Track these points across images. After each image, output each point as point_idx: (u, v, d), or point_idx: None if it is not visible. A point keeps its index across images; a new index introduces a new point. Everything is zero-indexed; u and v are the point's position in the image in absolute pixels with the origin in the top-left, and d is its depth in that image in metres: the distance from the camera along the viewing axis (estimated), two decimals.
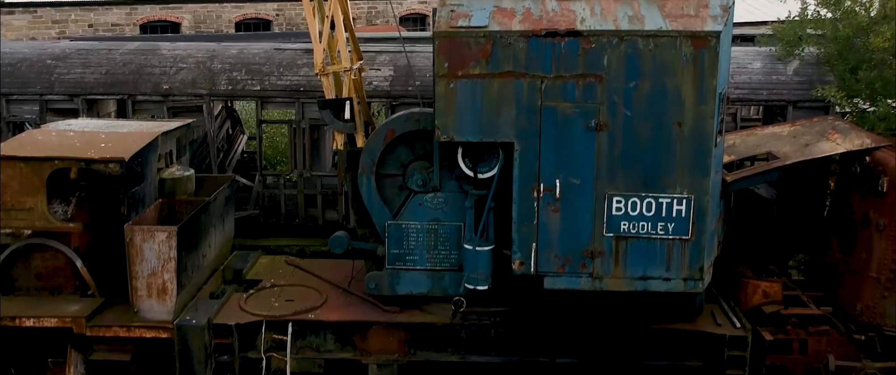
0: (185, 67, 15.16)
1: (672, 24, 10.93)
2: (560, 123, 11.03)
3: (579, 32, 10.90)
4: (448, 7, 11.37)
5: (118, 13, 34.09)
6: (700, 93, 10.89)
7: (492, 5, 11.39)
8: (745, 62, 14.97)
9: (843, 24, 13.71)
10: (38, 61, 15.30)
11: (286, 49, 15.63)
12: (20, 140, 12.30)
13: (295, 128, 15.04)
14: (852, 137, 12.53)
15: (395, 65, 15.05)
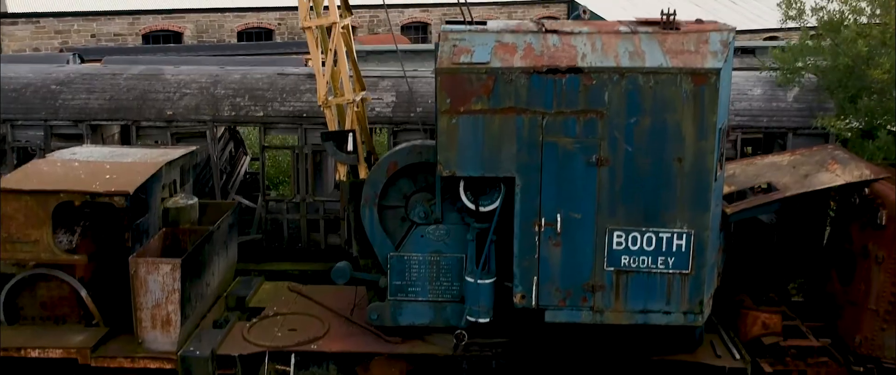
0: (189, 92, 15.25)
1: (672, 61, 11.02)
2: (561, 158, 11.14)
3: (580, 69, 11.00)
4: (450, 41, 11.46)
5: (121, 23, 34.21)
6: (700, 129, 10.99)
7: (494, 40, 11.48)
8: (746, 89, 15.05)
9: (842, 52, 13.78)
10: (42, 87, 15.39)
11: (289, 74, 15.71)
12: (25, 172, 12.39)
13: (297, 153, 15.13)
14: (851, 167, 12.61)
15: (398, 91, 15.15)
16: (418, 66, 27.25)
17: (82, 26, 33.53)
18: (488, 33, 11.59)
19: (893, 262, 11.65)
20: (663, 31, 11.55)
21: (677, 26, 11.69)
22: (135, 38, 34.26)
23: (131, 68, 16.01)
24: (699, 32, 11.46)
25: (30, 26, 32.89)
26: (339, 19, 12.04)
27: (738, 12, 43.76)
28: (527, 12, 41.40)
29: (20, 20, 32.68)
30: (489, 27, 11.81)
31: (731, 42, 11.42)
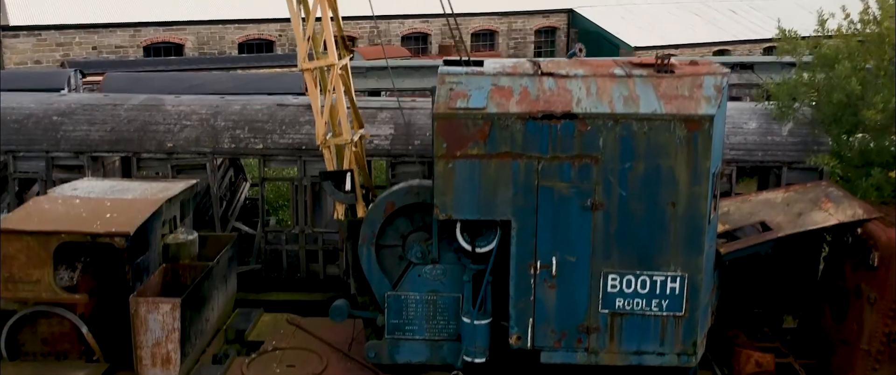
0: (189, 124, 15.39)
1: (666, 107, 11.15)
2: (556, 202, 11.28)
3: (575, 115, 11.13)
4: (447, 85, 11.58)
5: (122, 35, 34.34)
6: (694, 174, 11.12)
7: (490, 83, 11.61)
8: (741, 122, 15.17)
9: (836, 88, 13.90)
10: (44, 118, 15.53)
11: (288, 105, 15.84)
12: (27, 210, 12.52)
13: (296, 185, 15.27)
14: (845, 206, 12.73)
15: (396, 123, 15.28)
16: (417, 82, 27.49)
17: (84, 39, 33.66)
18: (485, 76, 11.72)
19: (886, 303, 11.77)
20: (658, 74, 11.67)
21: (672, 69, 11.80)
22: (136, 50, 34.38)
23: (132, 99, 16.13)
24: (693, 76, 11.57)
25: (31, 39, 33.02)
26: (337, 61, 12.15)
27: (738, 22, 43.88)
28: (527, 21, 41.52)
29: (22, 33, 32.82)
30: (486, 69, 11.94)
31: (725, 86, 11.54)
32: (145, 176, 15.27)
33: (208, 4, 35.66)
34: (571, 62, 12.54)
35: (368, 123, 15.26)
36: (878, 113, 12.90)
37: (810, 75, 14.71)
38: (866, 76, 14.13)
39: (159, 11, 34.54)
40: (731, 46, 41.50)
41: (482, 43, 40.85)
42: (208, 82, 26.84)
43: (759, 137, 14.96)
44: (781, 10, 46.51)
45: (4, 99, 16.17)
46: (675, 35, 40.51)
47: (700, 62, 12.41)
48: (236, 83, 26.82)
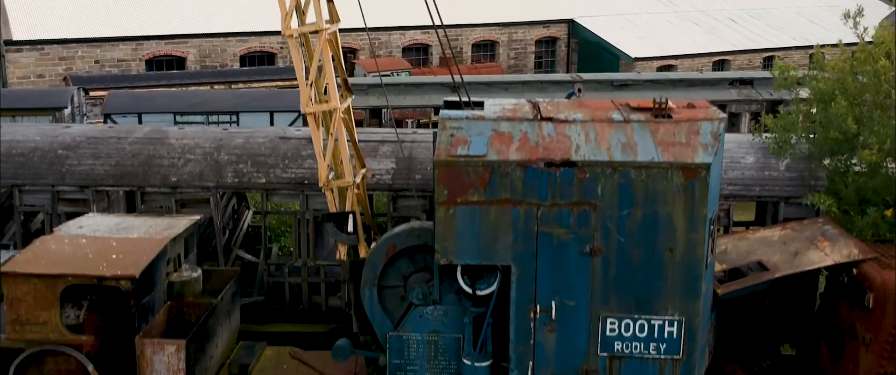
0: (193, 158, 15.56)
1: (664, 154, 11.31)
2: (556, 247, 11.45)
3: (574, 163, 11.29)
4: (448, 130, 11.75)
5: (124, 49, 34.50)
6: (691, 221, 11.29)
7: (490, 129, 11.78)
8: (738, 157, 15.33)
9: (832, 126, 14.06)
10: (49, 151, 15.69)
11: (291, 138, 16.01)
12: (35, 252, 12.68)
13: (299, 219, 15.45)
14: (840, 246, 12.89)
15: (397, 157, 15.45)
16: (418, 99, 27.67)
17: (86, 53, 33.83)
18: (485, 122, 11.90)
19: (880, 344, 11.94)
20: (655, 119, 11.84)
21: (669, 114, 11.96)
22: (138, 63, 34.54)
23: (136, 131, 16.30)
24: (690, 122, 11.74)
25: (34, 53, 33.19)
26: (339, 105, 12.32)
27: (738, 32, 44.00)
28: (527, 32, 41.65)
29: (25, 47, 32.99)
30: (486, 113, 12.11)
31: (722, 132, 11.71)
32: (149, 210, 15.43)
33: (210, 18, 35.81)
34: (570, 104, 12.71)
35: (369, 157, 15.43)
36: (873, 154, 13.06)
37: (807, 108, 14.85)
38: (862, 112, 14.28)
39: (161, 25, 34.69)
40: (730, 56, 41.62)
41: (483, 53, 40.99)
42: (210, 100, 27.09)
43: (757, 171, 15.12)
44: (781, 19, 46.74)
45: (10, 131, 16.34)
46: (675, 45, 40.63)
47: (697, 105, 12.56)
48: (238, 101, 27.05)
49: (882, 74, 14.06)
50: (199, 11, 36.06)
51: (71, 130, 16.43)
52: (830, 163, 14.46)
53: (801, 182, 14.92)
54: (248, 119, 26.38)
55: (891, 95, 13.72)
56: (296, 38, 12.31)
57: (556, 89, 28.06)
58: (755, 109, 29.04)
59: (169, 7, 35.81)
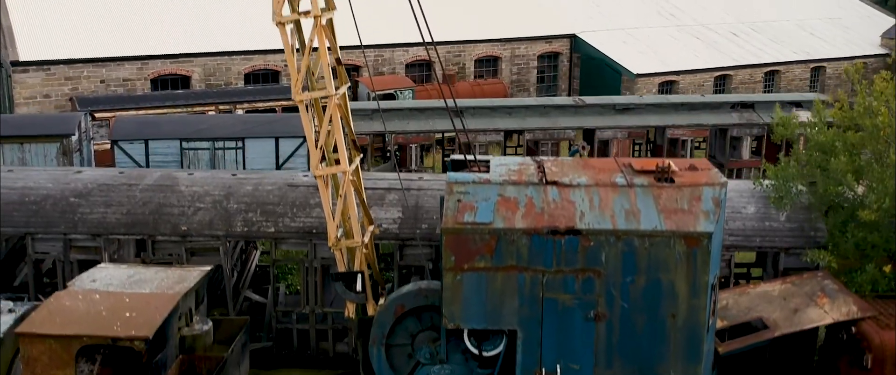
0: (203, 206, 15.79)
1: (666, 222, 11.57)
2: (561, 313, 11.73)
3: (579, 231, 11.55)
4: (455, 195, 12.01)
5: (129, 68, 34.66)
6: (693, 287, 11.56)
7: (496, 194, 12.04)
8: (740, 206, 15.56)
9: (832, 182, 14.28)
10: (61, 199, 15.92)
11: (299, 186, 16.23)
12: (50, 310, 12.92)
13: (307, 266, 15.69)
14: (840, 303, 13.14)
15: (403, 205, 15.68)
16: (422, 124, 27.84)
17: (92, 72, 33.99)
18: (491, 186, 12.15)
19: None
20: (658, 184, 12.09)
21: (671, 178, 12.21)
22: (143, 82, 34.70)
23: (146, 177, 16.54)
24: (693, 188, 11.99)
25: (40, 73, 33.36)
26: (348, 167, 12.56)
27: (740, 46, 44.16)
28: (530, 47, 41.80)
29: (31, 68, 33.14)
30: (492, 176, 12.34)
31: (723, 198, 11.96)
32: (160, 258, 15.64)
33: (214, 37, 35.97)
34: (574, 165, 12.96)
35: (376, 206, 15.67)
36: (872, 213, 13.29)
37: (809, 156, 15.05)
38: (862, 164, 14.50)
39: (166, 45, 34.85)
40: (732, 71, 41.76)
41: (485, 68, 41.17)
42: (216, 126, 27.26)
43: (758, 222, 15.35)
44: (782, 32, 46.85)
45: (22, 177, 16.57)
46: (677, 61, 40.74)
47: (699, 166, 12.81)
48: (244, 127, 27.22)
49: (881, 129, 14.28)
50: (203, 30, 36.20)
51: (83, 177, 16.65)
52: (830, 218, 14.69)
53: (801, 233, 15.14)
54: (254, 145, 26.55)
55: (889, 151, 13.93)
56: (305, 103, 12.56)
57: (559, 113, 28.24)
58: (757, 133, 29.23)
59: (173, 26, 35.96)
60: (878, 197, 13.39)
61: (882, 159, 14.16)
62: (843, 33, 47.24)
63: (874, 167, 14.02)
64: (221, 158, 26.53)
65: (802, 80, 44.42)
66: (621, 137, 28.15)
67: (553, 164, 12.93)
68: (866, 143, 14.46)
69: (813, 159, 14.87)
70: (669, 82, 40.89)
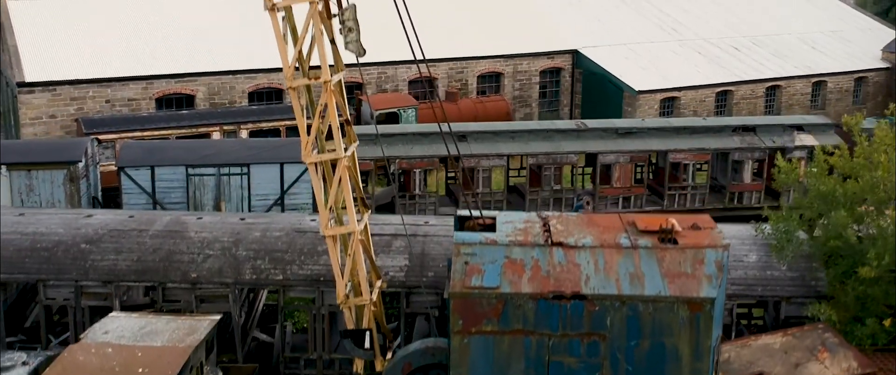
0: (212, 253, 16.03)
1: (670, 287, 11.80)
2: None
3: (584, 296, 11.79)
4: (462, 258, 12.24)
5: (134, 88, 34.87)
6: (696, 351, 11.79)
7: (503, 256, 12.27)
8: (741, 255, 15.78)
9: (832, 235, 14.50)
10: (73, 245, 16.16)
11: (306, 232, 16.46)
12: (64, 366, 13.15)
13: (314, 313, 15.92)
14: (840, 358, 13.36)
15: (410, 253, 15.90)
16: (425, 149, 28.04)
17: (97, 93, 34.20)
18: (498, 247, 12.38)
19: None
20: (662, 245, 12.31)
21: (675, 238, 12.43)
22: (148, 102, 34.91)
23: (156, 222, 16.77)
24: (695, 250, 12.21)
25: (46, 94, 33.57)
26: (357, 227, 12.78)
27: (741, 61, 44.33)
28: (532, 63, 42.00)
29: (37, 89, 33.36)
30: (498, 237, 12.57)
31: (725, 261, 12.18)
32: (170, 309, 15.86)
33: (218, 56, 36.14)
34: (579, 222, 13.17)
35: (383, 253, 15.89)
36: (872, 270, 13.50)
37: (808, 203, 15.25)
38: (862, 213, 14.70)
39: (170, 64, 35.05)
40: (733, 87, 41.93)
41: (488, 84, 41.36)
42: (221, 152, 27.52)
43: (759, 270, 15.57)
44: (784, 45, 47.01)
45: (34, 222, 16.80)
46: (678, 77, 40.87)
47: (702, 224, 13.01)
48: (249, 152, 27.48)
49: (881, 183, 14.48)
50: (207, 50, 36.39)
51: (93, 222, 16.88)
52: (831, 268, 14.90)
53: (802, 282, 15.36)
54: (259, 171, 26.81)
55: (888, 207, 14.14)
56: (315, 166, 12.79)
57: (561, 137, 28.48)
58: (758, 157, 29.43)
59: (178, 46, 36.17)
60: (879, 253, 13.59)
61: (881, 214, 14.36)
62: (844, 47, 47.38)
63: (875, 222, 14.23)
64: (227, 183, 26.80)
65: (804, 95, 44.58)
66: (623, 162, 28.39)
67: (558, 221, 13.15)
68: (866, 193, 14.66)
69: (814, 209, 15.07)
70: (671, 99, 41.09)
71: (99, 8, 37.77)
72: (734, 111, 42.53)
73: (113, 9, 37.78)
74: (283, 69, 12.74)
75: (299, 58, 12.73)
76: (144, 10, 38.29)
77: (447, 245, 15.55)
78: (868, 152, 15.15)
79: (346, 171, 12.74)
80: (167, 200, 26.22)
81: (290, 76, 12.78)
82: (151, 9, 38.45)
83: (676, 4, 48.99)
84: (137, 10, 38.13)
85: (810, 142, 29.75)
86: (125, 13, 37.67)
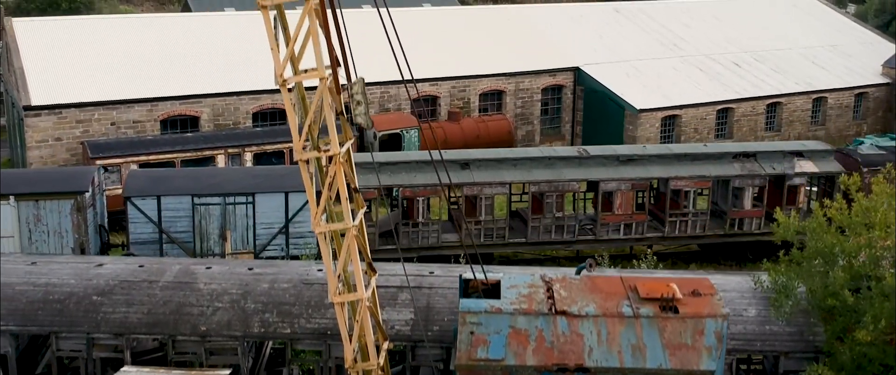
0: (221, 306, 16.33)
1: (671, 360, 12.10)
2: None
3: (587, 369, 12.09)
4: (468, 327, 12.54)
5: (139, 110, 35.18)
6: None
7: (508, 325, 12.57)
8: (740, 309, 16.04)
9: (830, 293, 14.76)
10: (84, 298, 16.46)
11: (314, 284, 16.75)
12: None
13: (322, 366, 16.21)
14: None
15: (416, 306, 16.18)
16: (429, 178, 28.30)
17: (103, 115, 34.50)
18: (502, 316, 12.68)
19: None
20: (663, 314, 12.60)
21: (675, 307, 12.72)
22: (153, 123, 35.22)
23: (166, 272, 17.05)
24: (696, 320, 12.51)
25: (52, 117, 33.88)
26: (365, 294, 13.05)
27: (742, 78, 44.60)
28: (534, 81, 42.28)
29: (43, 112, 33.68)
30: (503, 304, 12.85)
31: (725, 331, 12.47)
32: (180, 361, 16.17)
33: (223, 77, 36.41)
34: (582, 287, 13.46)
35: (388, 306, 16.18)
36: (869, 334, 13.77)
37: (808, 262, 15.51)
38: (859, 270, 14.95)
39: (175, 86, 35.33)
40: (734, 104, 42.18)
41: (490, 102, 41.65)
42: (226, 181, 27.80)
43: (758, 325, 15.84)
44: (784, 61, 47.26)
45: (46, 272, 17.08)
46: (679, 95, 41.10)
47: (702, 290, 13.30)
48: (254, 181, 27.76)
49: (877, 244, 14.74)
50: (211, 71, 36.69)
51: (104, 272, 17.16)
52: (829, 325, 15.17)
53: (801, 338, 15.63)
54: (264, 200, 27.11)
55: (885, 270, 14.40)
56: (325, 236, 13.05)
57: (563, 164, 28.76)
58: (759, 184, 29.71)
59: (182, 68, 36.47)
60: (875, 316, 13.85)
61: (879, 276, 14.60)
62: (845, 61, 47.62)
63: (872, 283, 14.49)
64: (232, 212, 27.10)
65: (804, 111, 44.85)
66: (625, 189, 28.70)
67: (562, 286, 13.44)
68: (863, 250, 14.92)
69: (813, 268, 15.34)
70: (672, 117, 41.36)
71: (104, 30, 38.11)
72: (735, 128, 42.84)
73: (117, 31, 38.13)
74: (293, 143, 12.99)
75: (310, 131, 13.00)
76: (148, 32, 38.61)
77: (451, 298, 15.84)
78: (865, 208, 15.40)
79: (353, 240, 13.00)
80: (173, 229, 26.55)
81: (300, 149, 13.04)
82: (155, 31, 38.78)
83: (678, 19, 49.25)
84: (141, 32, 38.47)
85: (810, 168, 30.03)
86: (129, 35, 38.00)
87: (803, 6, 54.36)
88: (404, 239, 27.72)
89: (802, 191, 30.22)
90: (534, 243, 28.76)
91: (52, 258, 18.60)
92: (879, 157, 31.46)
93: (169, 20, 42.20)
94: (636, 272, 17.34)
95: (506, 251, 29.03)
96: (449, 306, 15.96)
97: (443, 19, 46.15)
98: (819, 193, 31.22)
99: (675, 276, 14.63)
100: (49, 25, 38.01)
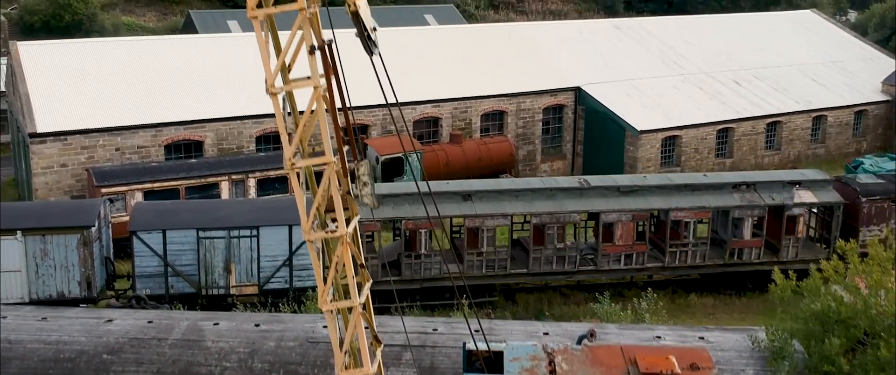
0: (229, 366, 16.66)
1: None
2: None
3: None
4: None
5: (144, 135, 35.47)
6: None
7: None
8: (739, 369, 16.35)
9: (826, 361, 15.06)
10: (95, 356, 16.79)
11: (320, 342, 17.07)
12: None
13: None
14: None
15: (420, 366, 16.49)
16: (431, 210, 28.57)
17: (107, 141, 34.78)
18: None
19: None
20: None
21: None
22: (157, 148, 35.49)
23: (174, 329, 17.36)
24: None
25: (57, 144, 34.15)
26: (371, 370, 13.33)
27: (742, 96, 44.86)
28: (535, 101, 42.52)
29: (48, 139, 33.95)
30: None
31: None
32: None
33: (226, 102, 36.65)
34: (583, 358, 13.75)
35: (392, 367, 16.48)
36: None
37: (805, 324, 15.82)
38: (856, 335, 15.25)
39: (179, 112, 35.58)
40: (734, 124, 42.43)
41: (491, 122, 41.90)
42: (231, 214, 28.12)
43: None
44: (784, 78, 47.49)
45: (56, 329, 17.40)
46: (679, 115, 41.31)
47: (701, 364, 13.60)
48: (258, 215, 28.10)
49: (873, 307, 15.03)
50: (215, 95, 36.94)
51: (114, 329, 17.49)
52: None
53: None
54: (268, 233, 27.44)
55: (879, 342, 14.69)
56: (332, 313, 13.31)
57: (564, 196, 29.05)
58: (758, 214, 29.99)
59: (186, 92, 36.73)
60: None
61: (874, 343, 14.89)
62: (845, 79, 47.82)
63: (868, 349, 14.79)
64: (237, 245, 27.41)
65: (804, 129, 45.11)
66: (625, 220, 28.99)
67: (564, 359, 13.73)
68: (859, 315, 15.21)
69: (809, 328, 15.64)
70: (672, 137, 41.61)
71: (108, 54, 38.35)
72: (735, 148, 43.10)
73: (122, 57, 38.35)
74: (302, 223, 13.25)
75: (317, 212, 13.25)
76: (152, 58, 38.83)
77: (455, 359, 16.15)
78: (861, 271, 15.69)
79: (360, 317, 13.27)
80: (178, 262, 26.89)
81: (307, 229, 13.29)
82: (158, 55, 39.02)
83: (679, 36, 49.44)
84: (145, 58, 38.69)
85: (809, 198, 30.31)
86: (134, 62, 38.21)
87: (804, 22, 54.58)
88: (407, 271, 28.04)
89: (802, 221, 30.51)
90: (535, 273, 29.07)
91: (61, 313, 18.90)
92: (878, 186, 31.72)
93: (172, 43, 42.50)
94: (635, 331, 17.62)
95: (508, 281, 29.33)
96: (452, 366, 16.26)
97: (444, 38, 46.40)
98: (818, 222, 31.55)
99: (674, 344, 14.93)
100: (53, 50, 38.25)
